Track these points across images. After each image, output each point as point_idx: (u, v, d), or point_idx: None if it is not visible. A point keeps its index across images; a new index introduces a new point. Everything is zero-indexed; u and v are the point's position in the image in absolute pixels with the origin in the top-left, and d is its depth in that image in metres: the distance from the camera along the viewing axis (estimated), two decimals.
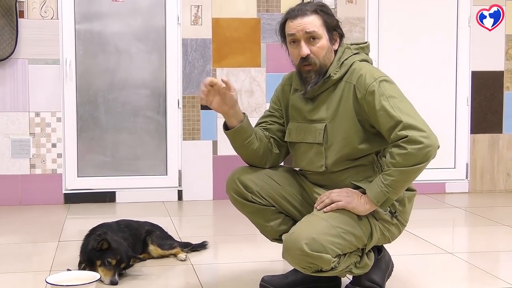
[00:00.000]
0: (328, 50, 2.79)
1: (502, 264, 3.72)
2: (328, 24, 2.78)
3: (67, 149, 5.20)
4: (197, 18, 5.31)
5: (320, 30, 2.76)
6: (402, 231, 2.92)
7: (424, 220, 4.59)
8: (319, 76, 2.79)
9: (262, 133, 2.94)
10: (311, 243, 2.62)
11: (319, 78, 2.79)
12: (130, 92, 5.33)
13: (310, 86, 2.80)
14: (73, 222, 4.66)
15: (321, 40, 2.77)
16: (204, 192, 5.38)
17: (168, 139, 5.35)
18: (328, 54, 2.79)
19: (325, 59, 2.79)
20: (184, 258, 3.58)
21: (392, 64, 5.51)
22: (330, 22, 2.79)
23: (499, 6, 5.62)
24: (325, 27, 2.78)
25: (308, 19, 2.76)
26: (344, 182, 2.82)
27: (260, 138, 2.92)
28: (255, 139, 2.89)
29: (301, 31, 2.76)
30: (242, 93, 5.37)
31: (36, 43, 5.10)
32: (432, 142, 2.62)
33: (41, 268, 3.45)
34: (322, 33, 2.77)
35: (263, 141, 2.93)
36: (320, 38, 2.76)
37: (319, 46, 2.77)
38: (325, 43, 2.78)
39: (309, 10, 2.77)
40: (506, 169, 5.75)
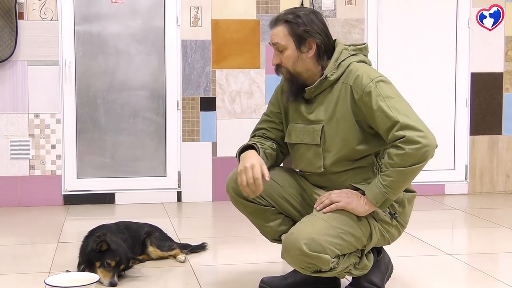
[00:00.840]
0: (295, 59, 2.80)
1: (501, 266, 3.72)
2: (296, 32, 2.79)
3: (66, 151, 5.20)
4: (197, 19, 5.31)
5: (283, 40, 2.79)
6: (401, 233, 2.92)
7: (424, 222, 4.59)
8: (293, 84, 2.84)
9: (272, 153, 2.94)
10: (310, 243, 2.62)
11: (294, 86, 2.84)
12: (129, 93, 5.33)
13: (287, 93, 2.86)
14: (72, 223, 4.66)
15: (287, 50, 2.80)
16: (204, 193, 5.37)
17: (168, 141, 5.35)
18: (298, 63, 2.80)
19: (295, 68, 2.81)
20: (183, 260, 3.58)
21: (392, 65, 5.52)
22: (298, 31, 2.78)
23: (499, 6, 5.62)
24: (291, 36, 2.79)
25: (275, 30, 2.82)
26: (343, 184, 2.82)
27: (272, 158, 2.95)
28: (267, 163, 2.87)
29: (271, 41, 2.84)
30: (242, 95, 5.37)
31: (35, 45, 5.10)
32: (429, 142, 2.61)
33: (40, 270, 3.45)
34: (286, 44, 2.79)
35: (274, 160, 2.97)
36: (286, 48, 2.80)
37: (285, 56, 2.81)
38: (291, 52, 2.80)
39: (280, 20, 2.82)
40: (506, 171, 5.75)
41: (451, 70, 5.67)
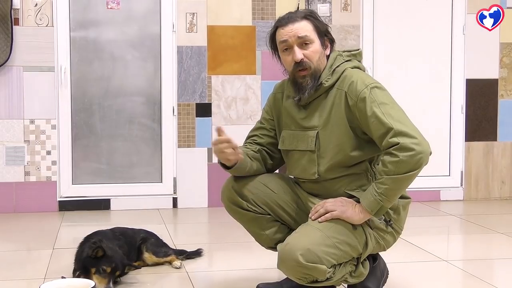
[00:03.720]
0: (321, 55, 2.81)
1: (496, 272, 3.72)
2: (319, 29, 2.80)
3: (61, 157, 5.19)
4: (192, 25, 5.32)
5: (312, 34, 2.78)
6: (397, 239, 2.92)
7: (419, 228, 4.59)
8: (314, 80, 2.80)
9: (255, 154, 2.95)
10: (306, 254, 2.61)
11: (314, 83, 2.80)
12: (125, 99, 5.33)
13: (307, 92, 2.80)
14: (67, 229, 4.65)
15: (314, 44, 2.78)
16: (199, 199, 5.37)
17: (163, 147, 5.35)
18: (321, 59, 2.81)
19: (319, 63, 2.80)
20: (179, 266, 3.57)
21: (387, 71, 5.53)
22: (321, 27, 2.81)
23: (499, 6, 5.63)
24: (316, 32, 2.79)
25: (299, 24, 2.78)
26: (338, 191, 2.82)
27: (257, 159, 2.95)
28: (253, 165, 2.91)
29: (293, 37, 2.77)
30: (237, 101, 5.37)
31: (31, 51, 5.10)
32: (423, 149, 2.61)
33: (36, 276, 3.44)
34: (314, 38, 2.78)
35: (260, 162, 2.96)
36: (313, 42, 2.78)
37: (312, 50, 2.78)
38: (318, 47, 2.79)
39: (299, 17, 2.80)
40: (501, 177, 5.76)
41: (447, 77, 5.68)
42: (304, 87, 2.81)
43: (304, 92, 2.81)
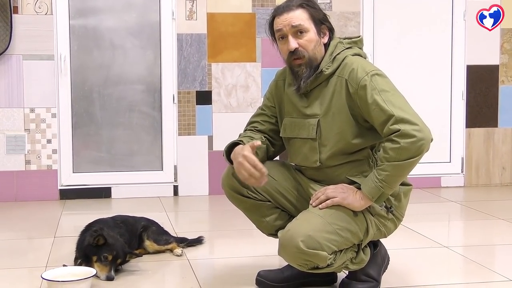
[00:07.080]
0: (316, 43, 2.79)
1: (497, 258, 3.73)
2: (315, 17, 2.78)
3: (62, 145, 5.19)
4: (192, 13, 5.30)
5: (306, 23, 2.76)
6: (398, 226, 2.92)
7: (420, 214, 4.60)
8: (310, 69, 2.78)
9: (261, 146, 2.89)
10: (307, 240, 2.62)
11: (310, 72, 2.79)
12: (125, 87, 5.32)
13: (303, 81, 2.79)
14: (68, 218, 4.65)
15: (308, 33, 2.77)
16: (200, 187, 5.38)
17: (164, 135, 5.35)
18: (317, 47, 2.79)
19: (315, 52, 2.79)
20: (180, 253, 3.58)
21: (387, 58, 5.52)
22: (317, 15, 2.79)
23: (499, 6, 5.61)
24: (312, 20, 2.78)
25: (294, 13, 2.76)
26: (339, 177, 2.82)
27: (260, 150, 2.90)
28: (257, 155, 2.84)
29: (287, 26, 2.76)
30: (238, 88, 5.37)
31: (30, 39, 5.08)
32: (424, 135, 2.61)
33: (37, 264, 3.44)
34: (308, 26, 2.77)
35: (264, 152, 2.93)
36: (307, 31, 2.76)
37: (306, 39, 2.77)
38: (313, 36, 2.78)
39: (295, 5, 2.78)
40: (502, 163, 5.76)
41: (447, 63, 5.67)
42: (299, 76, 2.80)
43: (301, 81, 2.80)
